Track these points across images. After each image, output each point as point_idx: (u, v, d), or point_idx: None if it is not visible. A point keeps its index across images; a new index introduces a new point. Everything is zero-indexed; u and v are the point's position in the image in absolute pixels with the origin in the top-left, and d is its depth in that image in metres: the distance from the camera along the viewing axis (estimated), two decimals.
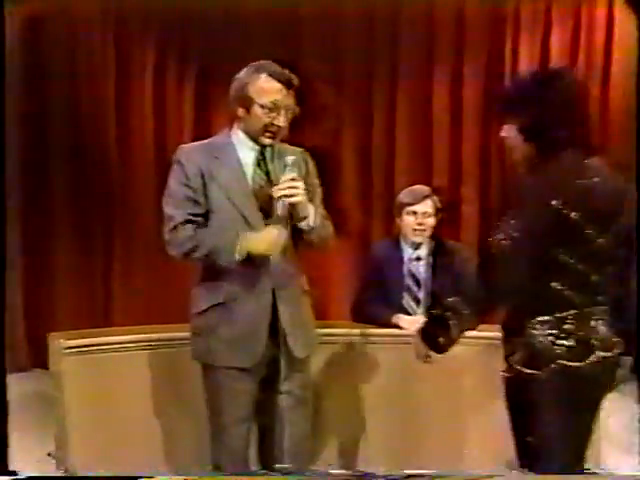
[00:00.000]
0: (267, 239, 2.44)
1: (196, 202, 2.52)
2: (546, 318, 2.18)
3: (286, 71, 2.52)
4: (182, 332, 3.04)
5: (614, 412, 4.15)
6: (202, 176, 2.51)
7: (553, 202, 2.11)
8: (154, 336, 3.11)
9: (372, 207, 5.92)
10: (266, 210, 2.52)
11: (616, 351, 2.29)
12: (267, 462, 2.67)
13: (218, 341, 2.54)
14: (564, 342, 2.18)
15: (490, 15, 5.87)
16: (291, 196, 2.44)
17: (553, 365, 2.17)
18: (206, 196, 2.52)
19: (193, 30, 5.71)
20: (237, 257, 2.43)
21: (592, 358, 2.20)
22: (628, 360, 5.26)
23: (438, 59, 5.90)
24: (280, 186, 2.44)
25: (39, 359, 4.03)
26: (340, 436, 3.19)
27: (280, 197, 2.43)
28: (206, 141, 2.67)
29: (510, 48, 5.89)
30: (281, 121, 2.51)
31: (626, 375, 5.26)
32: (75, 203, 5.64)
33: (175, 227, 2.50)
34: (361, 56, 5.89)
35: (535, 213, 2.14)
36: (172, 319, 3.44)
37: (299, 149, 2.67)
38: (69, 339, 3.01)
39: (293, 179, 2.45)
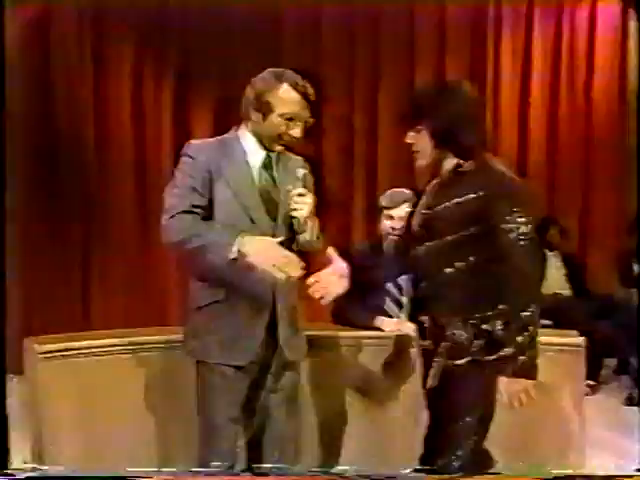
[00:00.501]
0: (266, 251, 2.39)
1: (200, 194, 2.50)
2: (501, 308, 2.31)
3: (306, 83, 2.53)
4: (161, 335, 3.08)
5: (598, 413, 4.21)
6: (209, 171, 2.51)
7: None
8: (133, 340, 3.08)
9: (354, 209, 5.92)
10: (272, 213, 2.56)
11: None
12: (254, 461, 2.69)
13: (216, 338, 2.54)
14: (509, 332, 2.31)
15: (472, 15, 5.89)
16: (298, 210, 2.49)
17: (502, 353, 2.30)
18: (211, 192, 2.52)
19: (172, 31, 5.66)
20: (231, 256, 2.37)
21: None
22: (612, 362, 5.34)
23: (420, 59, 5.91)
24: (290, 200, 2.50)
25: (13, 365, 3.98)
26: (325, 436, 3.19)
27: (289, 211, 2.50)
28: (215, 139, 2.66)
29: (492, 48, 5.93)
30: (297, 132, 2.53)
31: (610, 376, 5.34)
32: (51, 205, 5.58)
33: (174, 216, 2.47)
34: (342, 56, 5.89)
35: (532, 207, 2.36)
36: (151, 322, 3.42)
37: (300, 158, 2.69)
38: (45, 344, 2.98)
39: (301, 194, 2.50)
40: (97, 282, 5.63)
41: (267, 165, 2.59)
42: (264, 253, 2.37)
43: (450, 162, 2.42)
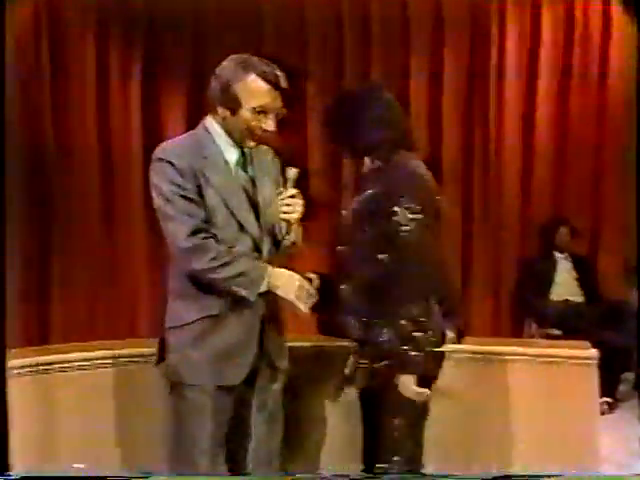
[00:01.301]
0: (294, 283, 2.47)
1: (197, 204, 2.43)
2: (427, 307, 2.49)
3: (275, 70, 2.46)
4: (121, 350, 3.08)
5: (615, 432, 4.04)
6: (196, 177, 2.43)
7: (433, 188, 2.58)
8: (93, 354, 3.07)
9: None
10: (256, 216, 2.51)
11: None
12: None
13: (205, 357, 2.47)
14: (433, 331, 2.51)
15: (472, 8, 5.77)
16: (290, 213, 2.48)
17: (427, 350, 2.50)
18: (203, 201, 2.44)
19: (137, 22, 5.51)
20: (263, 288, 2.44)
21: (444, 344, 2.62)
22: (630, 376, 5.19)
23: (415, 54, 5.80)
24: (281, 202, 2.48)
25: None
26: (308, 445, 3.20)
27: (280, 214, 2.49)
28: (186, 138, 2.56)
29: (497, 40, 5.80)
30: (270, 125, 2.47)
31: (629, 392, 5.18)
32: (6, 204, 5.41)
33: (192, 233, 2.40)
34: (328, 47, 5.78)
35: (428, 196, 2.53)
36: (119, 332, 3.32)
37: (270, 149, 2.66)
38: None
39: (293, 196, 2.48)
40: (57, 288, 5.45)
41: (243, 163, 2.54)
42: (290, 286, 2.46)
43: (366, 163, 2.66)
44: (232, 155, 2.51)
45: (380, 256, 2.50)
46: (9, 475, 2.40)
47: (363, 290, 2.55)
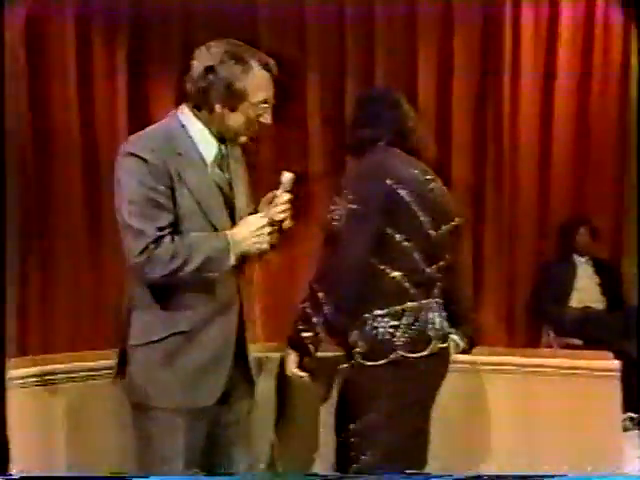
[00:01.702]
0: (255, 231, 2.37)
1: (168, 211, 2.33)
2: (386, 311, 2.55)
3: (268, 57, 2.42)
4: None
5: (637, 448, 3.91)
6: (170, 178, 2.32)
7: (387, 181, 2.54)
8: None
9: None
10: (232, 219, 2.44)
11: (450, 341, 2.71)
12: None
13: (175, 377, 2.39)
14: (404, 334, 2.54)
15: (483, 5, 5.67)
16: (285, 219, 2.45)
17: (392, 356, 2.53)
18: (175, 203, 2.34)
19: (122, 12, 5.37)
20: (232, 262, 2.35)
21: (429, 349, 2.58)
22: None
23: (423, 49, 5.68)
24: (278, 208, 2.43)
25: None
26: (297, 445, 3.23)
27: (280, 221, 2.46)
28: (157, 130, 2.44)
29: (510, 43, 5.68)
30: (269, 119, 2.43)
31: None
32: None
33: (147, 247, 2.28)
34: (329, 47, 5.66)
35: (371, 187, 2.55)
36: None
37: (241, 150, 2.61)
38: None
39: (287, 201, 2.43)
40: (36, 303, 5.33)
41: (221, 162, 2.46)
42: (253, 232, 2.37)
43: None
44: (210, 152, 2.41)
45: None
46: (10, 475, 2.41)
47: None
